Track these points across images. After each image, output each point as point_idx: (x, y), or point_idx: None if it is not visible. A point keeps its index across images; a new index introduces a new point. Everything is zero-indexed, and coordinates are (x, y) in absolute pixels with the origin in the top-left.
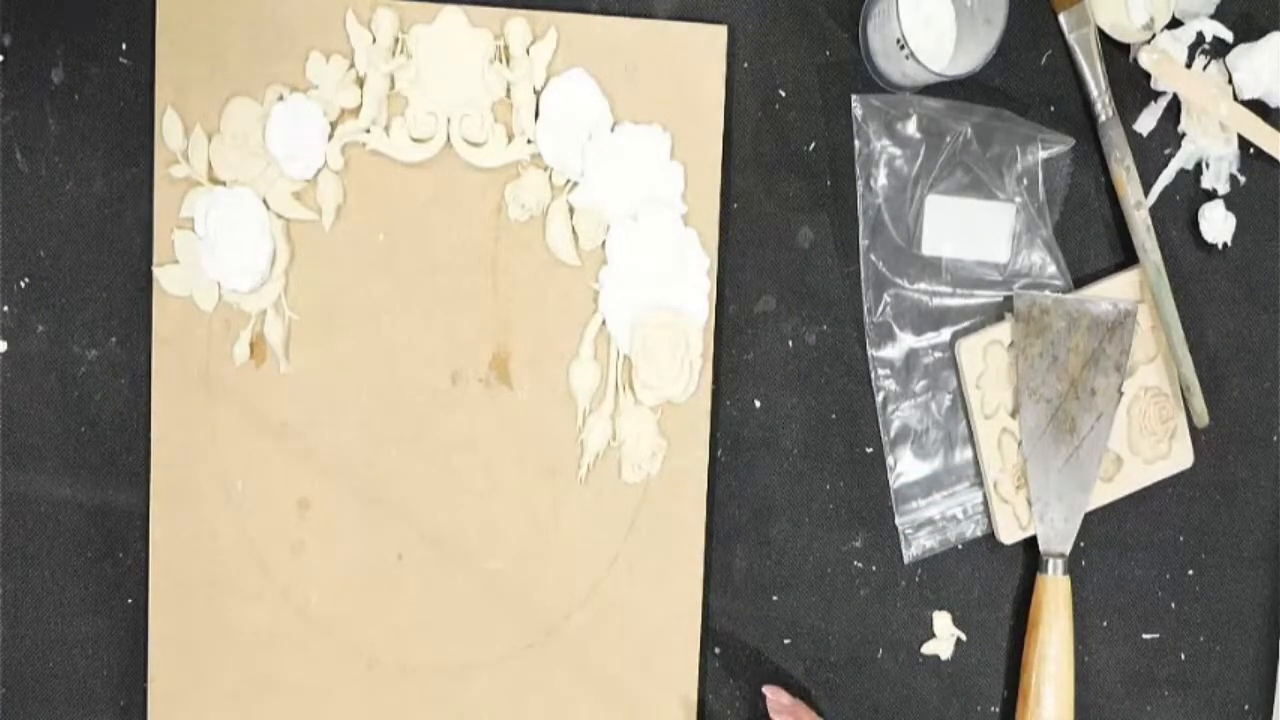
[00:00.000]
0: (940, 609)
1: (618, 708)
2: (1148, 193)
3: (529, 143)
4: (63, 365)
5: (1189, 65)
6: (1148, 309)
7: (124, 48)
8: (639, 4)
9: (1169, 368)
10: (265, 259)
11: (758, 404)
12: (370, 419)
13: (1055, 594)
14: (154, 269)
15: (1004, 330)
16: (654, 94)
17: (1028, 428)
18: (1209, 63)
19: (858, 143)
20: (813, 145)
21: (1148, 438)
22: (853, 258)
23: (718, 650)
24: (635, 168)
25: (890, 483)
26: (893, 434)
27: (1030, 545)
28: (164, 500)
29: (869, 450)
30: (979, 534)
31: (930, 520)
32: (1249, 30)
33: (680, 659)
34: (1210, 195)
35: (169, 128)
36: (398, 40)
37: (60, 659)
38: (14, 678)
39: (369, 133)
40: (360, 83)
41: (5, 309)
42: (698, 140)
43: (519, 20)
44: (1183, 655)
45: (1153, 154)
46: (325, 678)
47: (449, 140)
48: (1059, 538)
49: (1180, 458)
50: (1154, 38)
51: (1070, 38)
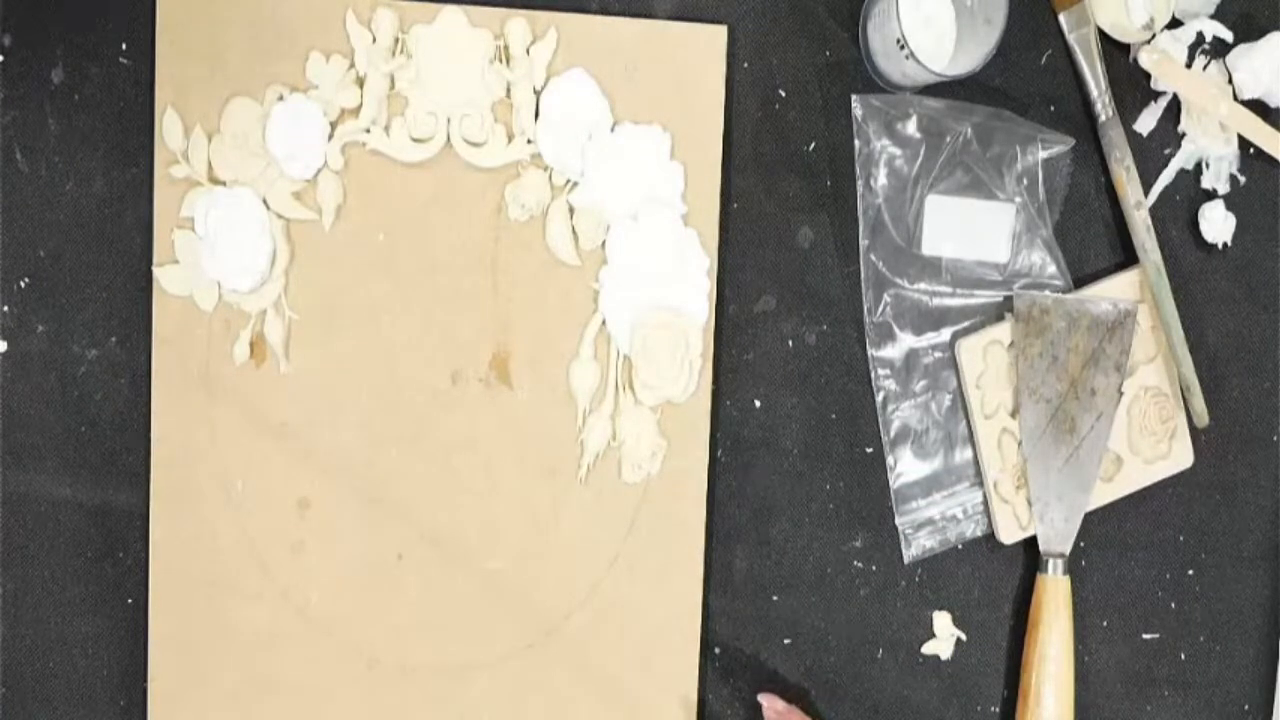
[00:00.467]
0: (940, 609)
1: (618, 708)
2: (1148, 193)
3: (529, 143)
4: (63, 365)
5: (1189, 65)
6: (1148, 309)
7: (124, 48)
8: (639, 4)
9: (1169, 368)
10: (265, 259)
11: (758, 404)
12: (370, 419)
13: (1055, 594)
14: (154, 269)
15: (1004, 330)
16: (654, 94)
17: (1028, 428)
18: (1209, 63)
19: (858, 143)
20: (813, 145)
21: (1148, 438)
22: (853, 258)
23: (718, 650)
24: (635, 168)
25: (890, 483)
26: (893, 434)
27: (1030, 545)
28: (164, 500)
29: (869, 450)
30: (979, 534)
31: (930, 520)
32: (1249, 30)
33: (680, 659)
34: (1210, 195)
35: (169, 128)
36: (398, 40)
37: (60, 659)
38: (14, 678)
39: (369, 133)
40: (360, 83)
41: (5, 309)
42: (698, 140)
43: (519, 20)
44: (1183, 655)
45: (1153, 154)
46: (325, 678)
47: (449, 140)
48: (1059, 538)
49: (1180, 458)
50: (1154, 38)
51: (1070, 38)
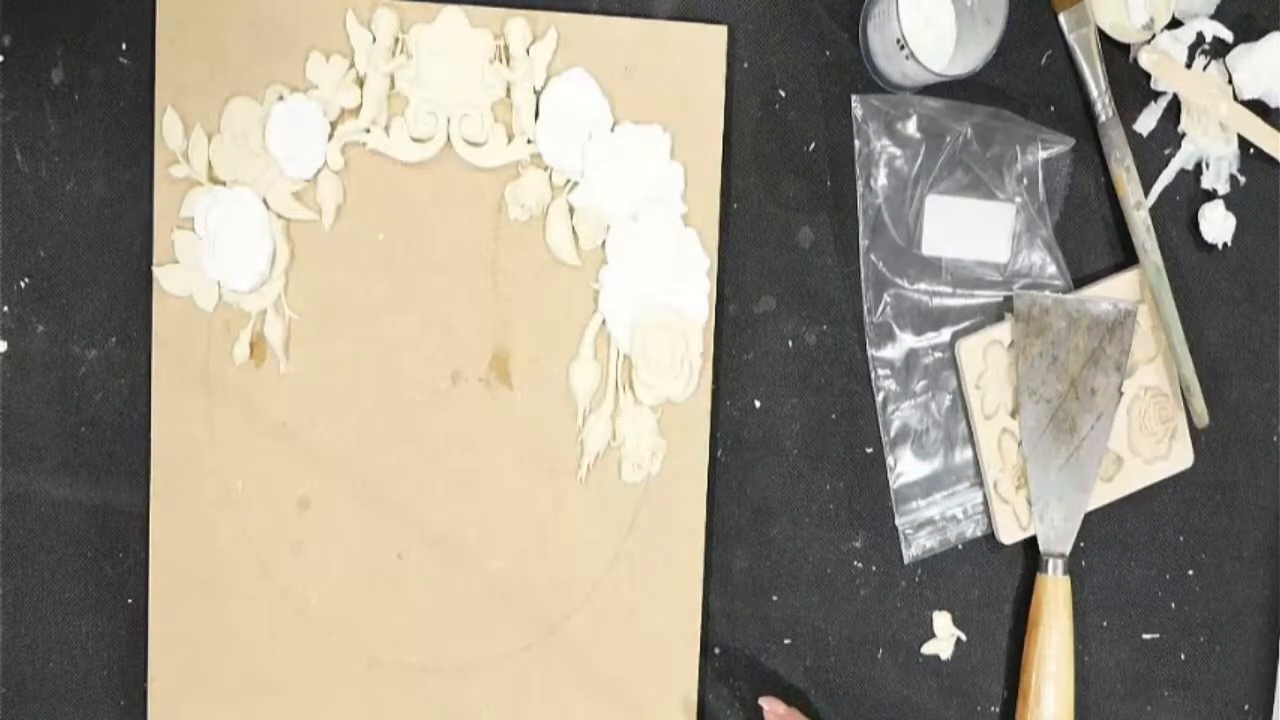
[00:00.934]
0: (940, 609)
1: (618, 708)
2: (1148, 193)
3: (529, 143)
4: (63, 365)
5: (1189, 65)
6: (1148, 309)
7: (124, 48)
8: (639, 4)
9: (1169, 368)
10: (265, 259)
11: (758, 404)
12: (370, 419)
13: (1055, 594)
14: (154, 269)
15: (1004, 330)
16: (654, 94)
17: (1028, 428)
18: (1209, 63)
19: (858, 143)
20: (813, 145)
21: (1148, 438)
22: (853, 258)
23: (718, 650)
24: (635, 168)
25: (890, 483)
26: (893, 434)
27: (1030, 545)
28: (164, 500)
29: (869, 450)
30: (979, 534)
31: (930, 520)
32: (1249, 30)
33: (680, 659)
34: (1210, 195)
35: (169, 128)
36: (398, 40)
37: (60, 659)
38: (14, 678)
39: (369, 133)
40: (360, 83)
41: (5, 309)
42: (698, 140)
43: (519, 20)
44: (1183, 655)
45: (1153, 154)
46: (325, 678)
47: (449, 140)
48: (1059, 538)
49: (1180, 458)
50: (1154, 38)
51: (1070, 38)
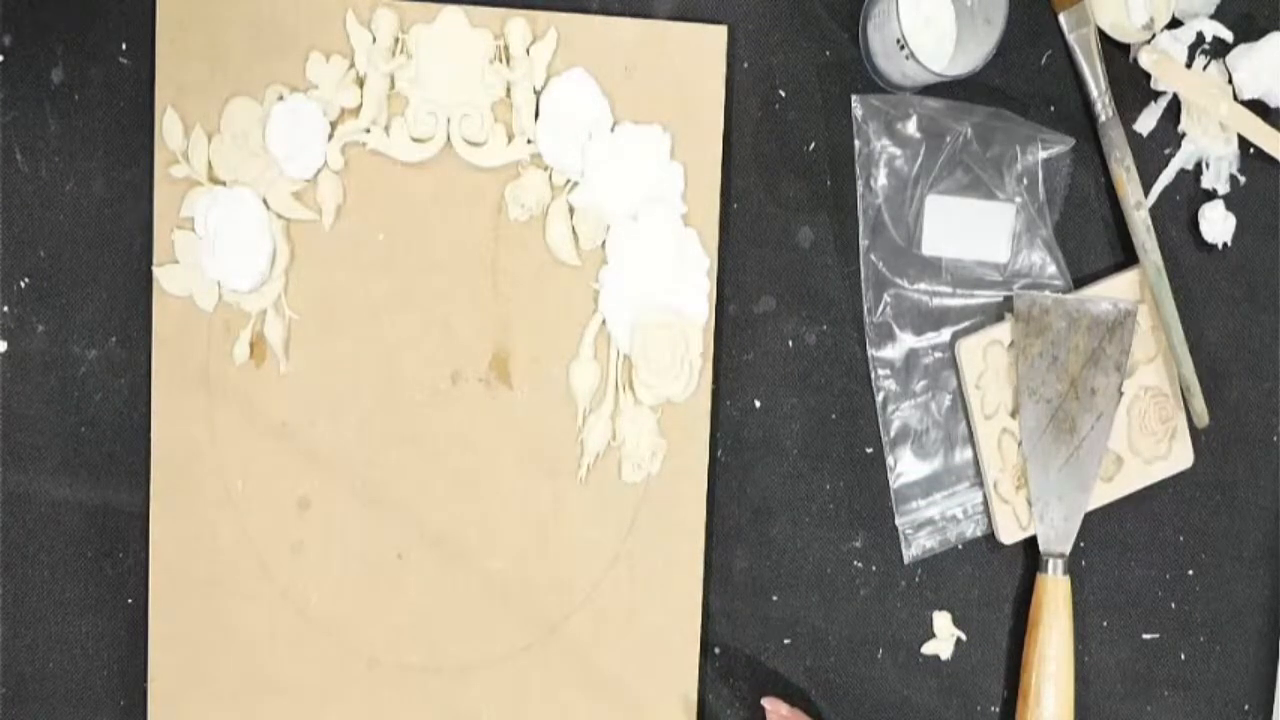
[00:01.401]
0: (940, 609)
1: (618, 708)
2: (1148, 193)
3: (529, 143)
4: (63, 365)
5: (1189, 65)
6: (1148, 309)
7: (124, 48)
8: (639, 4)
9: (1169, 368)
10: (265, 259)
11: (758, 404)
12: (370, 419)
13: (1055, 594)
14: (154, 269)
15: (1004, 330)
16: (654, 94)
17: (1028, 428)
18: (1209, 63)
19: (858, 143)
20: (813, 145)
21: (1148, 438)
22: (853, 258)
23: (718, 650)
24: (635, 168)
25: (890, 483)
26: (893, 434)
27: (1030, 545)
28: (164, 500)
29: (869, 450)
30: (979, 534)
31: (930, 520)
32: (1249, 30)
33: (680, 659)
34: (1210, 195)
35: (169, 128)
36: (398, 40)
37: (60, 659)
38: (14, 678)
39: (369, 133)
40: (360, 83)
41: (5, 309)
42: (698, 140)
43: (519, 20)
44: (1183, 655)
45: (1153, 154)
46: (325, 678)
47: (449, 140)
48: (1059, 538)
49: (1180, 458)
50: (1154, 38)
51: (1070, 38)
